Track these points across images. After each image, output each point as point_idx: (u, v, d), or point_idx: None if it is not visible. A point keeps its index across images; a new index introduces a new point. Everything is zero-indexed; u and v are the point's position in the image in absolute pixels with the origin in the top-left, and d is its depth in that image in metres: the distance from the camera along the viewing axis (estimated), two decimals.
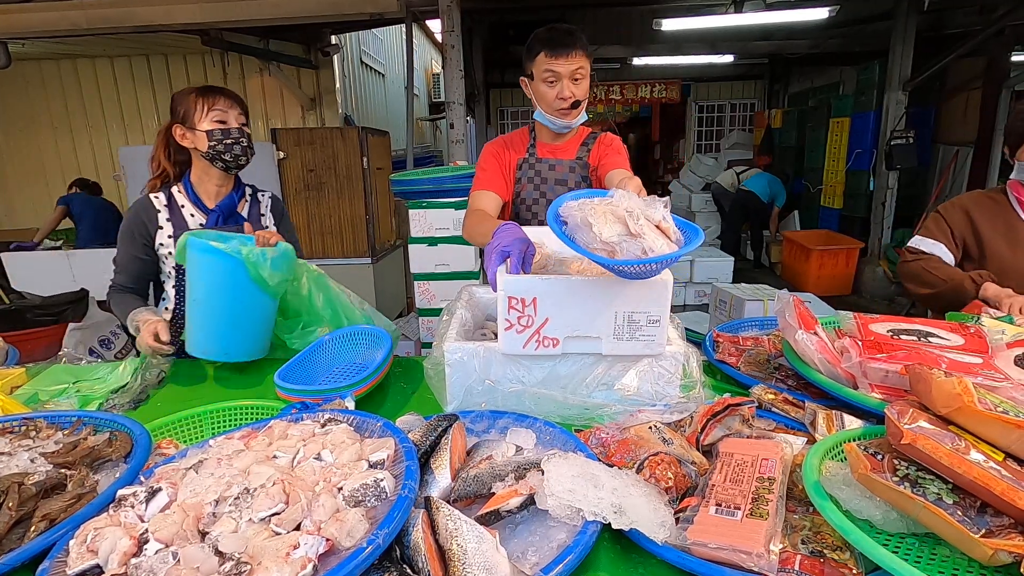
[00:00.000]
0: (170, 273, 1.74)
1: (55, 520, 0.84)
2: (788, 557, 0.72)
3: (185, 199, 1.72)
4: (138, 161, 4.21)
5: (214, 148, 1.63)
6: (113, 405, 1.40)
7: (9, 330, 2.88)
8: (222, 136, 1.62)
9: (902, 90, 5.87)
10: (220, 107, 1.63)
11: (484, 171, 1.79)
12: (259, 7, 4.27)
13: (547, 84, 1.64)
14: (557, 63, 1.61)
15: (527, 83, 1.72)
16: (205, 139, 1.62)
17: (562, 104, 1.65)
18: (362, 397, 1.32)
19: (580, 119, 1.72)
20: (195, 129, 1.62)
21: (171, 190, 1.73)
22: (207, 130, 1.61)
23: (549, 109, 1.68)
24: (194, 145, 1.65)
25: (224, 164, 1.67)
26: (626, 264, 0.99)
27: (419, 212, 3.35)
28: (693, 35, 7.25)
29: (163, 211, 1.69)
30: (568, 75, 1.62)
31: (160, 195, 1.71)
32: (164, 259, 1.72)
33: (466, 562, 0.70)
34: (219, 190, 1.74)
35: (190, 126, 1.63)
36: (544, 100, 1.67)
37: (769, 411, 1.14)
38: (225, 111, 1.63)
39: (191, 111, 1.62)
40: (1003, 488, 0.70)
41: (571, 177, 1.79)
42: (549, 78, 1.63)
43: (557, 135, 1.80)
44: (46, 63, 6.19)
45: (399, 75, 8.73)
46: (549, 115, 1.69)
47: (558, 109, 1.66)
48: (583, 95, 1.66)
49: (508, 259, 1.18)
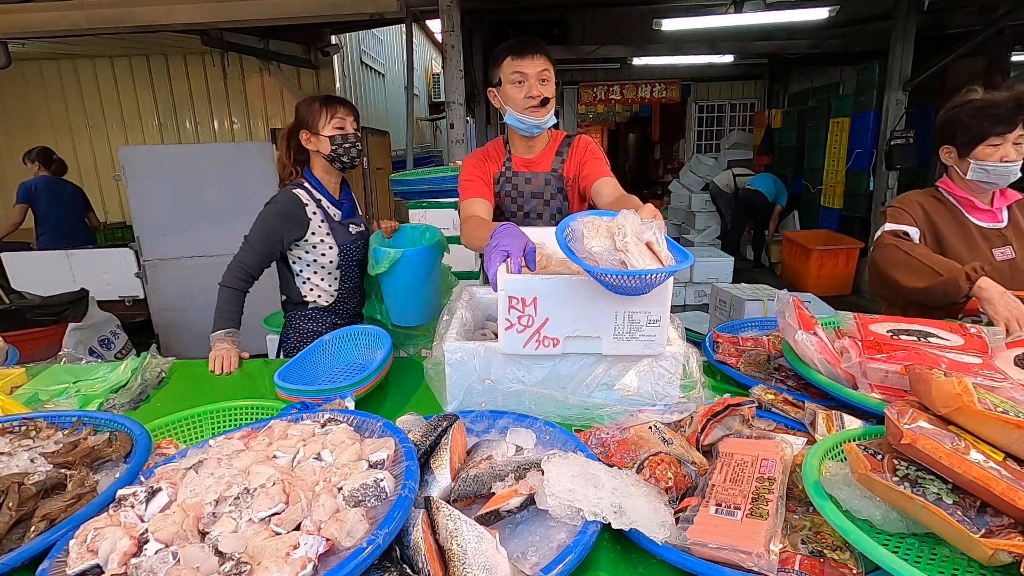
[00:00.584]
0: (316, 260, 1.90)
1: (55, 520, 0.84)
2: (788, 557, 0.72)
3: (319, 194, 1.90)
4: (138, 161, 4.20)
5: (335, 151, 1.83)
6: (113, 405, 1.40)
7: (9, 330, 2.88)
8: (342, 141, 1.83)
9: (902, 90, 5.87)
10: (340, 115, 1.82)
11: (470, 181, 1.82)
12: (259, 7, 4.27)
13: (515, 85, 1.68)
14: (523, 63, 1.66)
15: (495, 93, 1.76)
16: (328, 143, 1.82)
17: (531, 102, 1.67)
18: (362, 397, 1.32)
19: (550, 120, 1.74)
20: (319, 134, 1.82)
21: (304, 186, 1.89)
22: (329, 135, 1.81)
23: (518, 108, 1.70)
24: (316, 148, 1.85)
25: (342, 164, 1.88)
26: (604, 272, 1.01)
27: (419, 212, 3.36)
28: (693, 35, 7.24)
29: (309, 203, 1.86)
30: (535, 75, 1.66)
31: (300, 191, 1.86)
32: (310, 247, 1.88)
33: (466, 562, 0.70)
34: (335, 185, 1.97)
35: (314, 132, 1.82)
36: (513, 101, 1.70)
37: (769, 411, 1.14)
38: (344, 119, 1.83)
39: (315, 118, 1.81)
40: (1003, 488, 0.70)
41: (547, 190, 1.81)
42: (517, 79, 1.67)
43: (530, 144, 1.81)
44: (46, 63, 6.19)
45: (399, 75, 8.73)
46: (519, 115, 1.71)
47: (527, 108, 1.68)
48: (550, 95, 1.70)
49: (508, 259, 1.18)
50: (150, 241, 4.29)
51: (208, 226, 4.34)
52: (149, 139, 6.50)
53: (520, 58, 1.65)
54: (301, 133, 1.85)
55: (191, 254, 4.34)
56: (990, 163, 1.62)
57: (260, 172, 4.43)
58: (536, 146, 1.82)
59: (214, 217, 4.36)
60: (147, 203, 4.24)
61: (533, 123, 1.71)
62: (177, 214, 4.29)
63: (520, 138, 1.80)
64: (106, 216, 6.67)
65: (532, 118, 1.70)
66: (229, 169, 4.37)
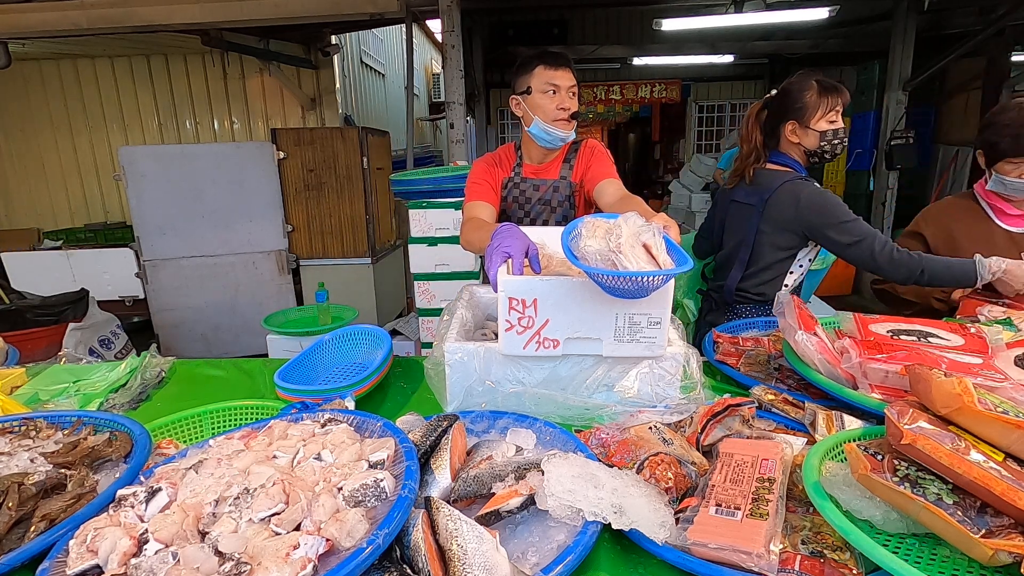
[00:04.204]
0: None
1: (55, 520, 0.84)
2: (788, 557, 0.72)
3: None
4: (138, 161, 4.21)
5: (822, 147, 1.76)
6: (113, 405, 1.40)
7: (9, 330, 2.88)
8: (832, 136, 1.75)
9: (902, 90, 5.87)
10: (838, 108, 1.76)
11: (477, 184, 1.82)
12: (259, 7, 4.27)
13: (547, 95, 1.69)
14: (558, 75, 1.67)
15: (519, 100, 1.75)
16: (817, 138, 1.75)
17: (562, 114, 1.68)
18: (362, 397, 1.32)
19: (573, 134, 1.76)
20: (809, 128, 1.75)
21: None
22: (821, 131, 1.74)
23: (548, 118, 1.70)
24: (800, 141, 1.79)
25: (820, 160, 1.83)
26: (599, 273, 1.01)
27: (419, 212, 3.36)
28: (693, 35, 7.24)
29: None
30: (567, 88, 1.68)
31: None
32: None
33: (466, 562, 0.70)
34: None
35: (804, 125, 1.75)
36: (543, 111, 1.70)
37: (769, 411, 1.14)
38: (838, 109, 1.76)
39: (811, 109, 1.74)
40: (1003, 488, 0.70)
41: (554, 197, 1.82)
42: (551, 90, 1.68)
43: (546, 153, 1.82)
44: (46, 63, 6.19)
45: (399, 75, 8.72)
46: (547, 125, 1.71)
47: (557, 120, 1.69)
48: (577, 109, 1.72)
49: (509, 260, 1.18)
50: (150, 241, 4.29)
51: (208, 226, 4.35)
52: (149, 139, 6.50)
53: (555, 69, 1.67)
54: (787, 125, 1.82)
55: (191, 254, 4.35)
56: (1008, 178, 1.68)
57: (260, 172, 4.44)
58: (549, 155, 1.84)
59: (214, 217, 4.37)
60: (147, 203, 4.25)
61: (559, 136, 1.72)
62: (177, 214, 4.30)
63: (536, 147, 1.80)
64: (106, 216, 6.68)
65: (560, 131, 1.71)
66: (229, 169, 4.37)
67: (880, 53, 6.21)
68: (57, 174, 6.53)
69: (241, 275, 4.48)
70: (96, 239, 5.96)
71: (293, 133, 4.53)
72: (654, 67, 8.80)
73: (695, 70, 9.05)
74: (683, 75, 9.06)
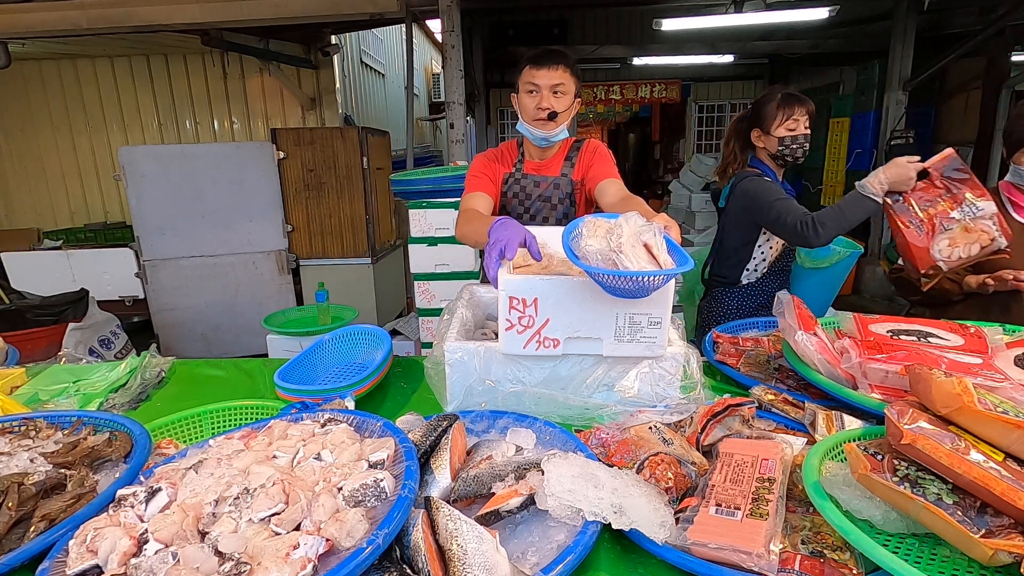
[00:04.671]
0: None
1: (55, 520, 0.84)
2: (788, 557, 0.72)
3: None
4: (138, 161, 4.21)
5: (782, 151, 1.97)
6: (113, 405, 1.40)
7: (9, 330, 2.88)
8: (790, 142, 1.96)
9: (902, 90, 5.87)
10: (796, 116, 1.94)
11: (476, 177, 1.82)
12: (259, 7, 4.27)
13: (528, 95, 1.69)
14: (538, 74, 1.66)
15: (515, 98, 1.78)
16: (776, 143, 1.97)
17: (539, 114, 1.68)
18: (362, 397, 1.32)
19: (560, 134, 1.75)
20: (770, 134, 1.97)
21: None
22: (780, 136, 1.96)
23: (528, 118, 1.71)
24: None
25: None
26: (599, 272, 1.01)
27: (419, 212, 3.35)
28: (693, 35, 7.24)
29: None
30: (547, 87, 1.67)
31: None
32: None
33: (466, 562, 0.70)
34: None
35: (766, 131, 1.98)
36: (525, 110, 1.71)
37: (769, 411, 1.14)
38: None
39: (771, 117, 1.95)
40: (1003, 488, 0.70)
41: (555, 194, 1.82)
42: (530, 89, 1.68)
43: (544, 150, 1.83)
44: (46, 63, 6.19)
45: (399, 75, 8.72)
46: (528, 125, 1.72)
47: (536, 119, 1.70)
48: (562, 108, 1.69)
49: (506, 249, 1.16)
50: (150, 241, 4.29)
51: (208, 226, 4.35)
52: (149, 139, 6.50)
53: (536, 68, 1.66)
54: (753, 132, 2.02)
55: (191, 254, 4.35)
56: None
57: (260, 172, 4.44)
58: (548, 152, 1.84)
59: (214, 217, 4.37)
60: (147, 203, 4.24)
61: (540, 135, 1.73)
62: (177, 214, 4.30)
63: (533, 145, 1.82)
64: (106, 216, 6.68)
65: (539, 131, 1.72)
66: (229, 169, 4.37)
67: (880, 53, 6.21)
68: (57, 174, 6.53)
69: (241, 275, 4.48)
70: (96, 239, 5.96)
71: (293, 133, 4.53)
72: (654, 67, 8.80)
73: (695, 70, 9.05)
74: (683, 75, 9.06)
